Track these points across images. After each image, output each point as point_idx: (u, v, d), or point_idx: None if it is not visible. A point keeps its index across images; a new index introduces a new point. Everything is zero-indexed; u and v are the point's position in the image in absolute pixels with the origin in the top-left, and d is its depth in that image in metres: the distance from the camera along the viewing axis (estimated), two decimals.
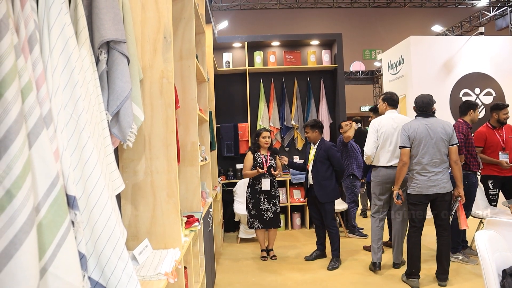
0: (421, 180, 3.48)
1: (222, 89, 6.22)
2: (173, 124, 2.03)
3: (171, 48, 2.04)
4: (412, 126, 3.53)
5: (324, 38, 6.20)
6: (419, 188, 3.50)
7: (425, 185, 3.47)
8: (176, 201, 2.02)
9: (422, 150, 3.47)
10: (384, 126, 3.93)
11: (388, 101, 4.08)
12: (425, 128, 3.48)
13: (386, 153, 3.91)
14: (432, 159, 3.46)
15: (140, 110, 1.84)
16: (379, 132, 3.94)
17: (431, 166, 3.46)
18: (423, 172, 3.48)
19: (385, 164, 3.90)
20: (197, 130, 2.99)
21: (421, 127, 3.49)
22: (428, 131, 3.46)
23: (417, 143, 3.48)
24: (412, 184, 3.56)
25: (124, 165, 2.04)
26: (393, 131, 3.89)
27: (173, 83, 2.05)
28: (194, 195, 2.99)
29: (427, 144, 3.46)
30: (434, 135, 3.45)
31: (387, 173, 3.90)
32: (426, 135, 3.46)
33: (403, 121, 3.87)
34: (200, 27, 3.74)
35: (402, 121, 3.87)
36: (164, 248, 2.03)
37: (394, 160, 3.86)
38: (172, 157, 2.03)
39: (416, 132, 3.48)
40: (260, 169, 4.35)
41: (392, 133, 3.89)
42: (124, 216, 2.04)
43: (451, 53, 6.59)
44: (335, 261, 4.18)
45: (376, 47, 16.17)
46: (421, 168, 3.48)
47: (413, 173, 3.55)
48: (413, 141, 3.50)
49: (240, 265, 4.42)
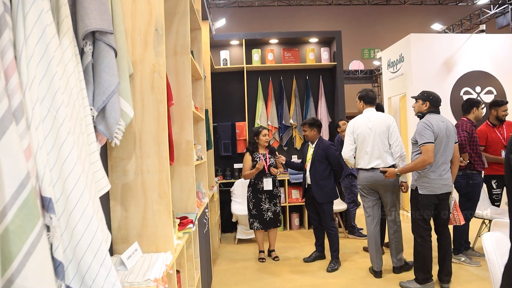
0: (435, 179, 3.30)
1: (220, 88, 6.12)
2: (165, 121, 1.93)
3: (163, 41, 1.94)
4: (434, 122, 3.31)
5: (323, 35, 6.10)
6: (432, 188, 3.31)
7: (439, 184, 3.31)
8: (168, 202, 1.93)
9: (441, 148, 3.30)
10: (359, 127, 3.79)
11: (365, 99, 3.92)
12: (443, 125, 3.33)
13: (365, 155, 3.76)
14: (447, 157, 3.36)
15: (129, 106, 1.74)
16: (355, 134, 3.81)
17: (446, 164, 3.35)
18: (437, 171, 3.31)
19: (366, 167, 3.76)
20: (192, 128, 2.89)
21: (440, 124, 3.32)
22: (446, 128, 3.33)
23: (439, 140, 3.28)
24: (425, 184, 3.33)
25: (114, 164, 1.94)
26: (369, 131, 3.73)
27: (165, 78, 1.95)
28: (188, 196, 2.89)
29: (445, 142, 3.31)
30: (450, 133, 3.35)
31: (368, 175, 3.75)
32: (444, 133, 3.31)
33: (381, 120, 3.73)
34: (196, 23, 3.64)
35: (380, 120, 3.73)
36: (156, 252, 1.93)
37: (374, 161, 3.70)
38: (164, 155, 1.93)
39: (439, 129, 3.29)
40: (259, 166, 4.22)
41: (368, 134, 3.72)
42: (114, 217, 1.94)
43: (452, 51, 6.49)
44: (335, 262, 4.08)
45: (375, 46, 16.06)
46: (437, 167, 3.31)
47: (427, 172, 3.31)
48: (436, 138, 3.27)
49: (237, 266, 4.32)
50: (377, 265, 3.80)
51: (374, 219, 3.82)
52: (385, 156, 3.70)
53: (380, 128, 3.71)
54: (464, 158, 3.84)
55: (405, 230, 4.00)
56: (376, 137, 3.70)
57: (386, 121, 3.74)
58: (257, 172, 4.30)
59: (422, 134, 3.27)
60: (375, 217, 3.83)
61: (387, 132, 3.71)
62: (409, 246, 4.60)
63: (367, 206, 3.85)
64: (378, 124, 3.72)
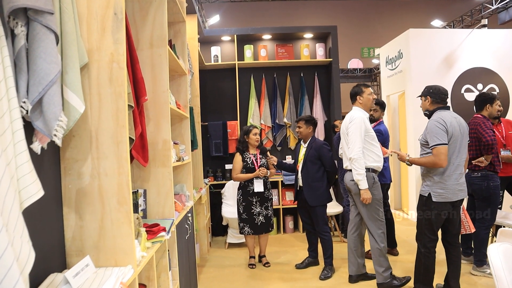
0: (452, 185, 2.94)
1: (210, 85, 5.89)
2: (125, 117, 1.70)
3: (122, 27, 1.71)
4: (447, 119, 2.92)
5: (318, 31, 5.86)
6: (448, 195, 2.94)
7: (455, 189, 2.95)
8: (129, 209, 1.69)
9: (456, 148, 2.94)
10: (341, 126, 3.62)
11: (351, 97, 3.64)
12: (456, 123, 2.95)
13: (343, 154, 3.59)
14: (463, 159, 2.99)
15: (78, 99, 1.51)
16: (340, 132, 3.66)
17: (462, 167, 2.99)
18: (454, 175, 2.94)
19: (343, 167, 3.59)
20: (169, 126, 2.67)
21: (453, 121, 2.94)
22: (459, 126, 2.96)
23: (453, 140, 2.92)
24: (439, 190, 2.95)
25: (67, 166, 1.70)
26: (342, 131, 3.55)
27: (125, 68, 1.72)
28: (166, 200, 2.67)
29: (459, 141, 2.96)
30: (464, 131, 3.00)
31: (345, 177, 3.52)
32: (458, 131, 2.94)
33: (346, 122, 3.46)
34: (178, 15, 3.42)
35: (345, 122, 3.47)
36: (115, 266, 1.69)
37: (346, 162, 3.50)
38: (124, 156, 1.70)
39: (453, 127, 2.91)
40: (260, 173, 4.05)
41: (343, 133, 3.52)
42: (67, 227, 1.71)
43: (453, 47, 6.25)
44: (328, 269, 3.85)
45: (375, 45, 15.81)
46: (453, 170, 2.93)
47: (444, 177, 2.94)
48: (450, 138, 2.92)
49: (226, 273, 4.09)
50: (349, 269, 3.63)
51: (351, 223, 3.63)
52: None
53: (344, 128, 3.51)
54: (487, 159, 3.57)
55: (400, 231, 3.75)
56: (343, 136, 3.52)
57: (346, 120, 3.50)
58: (253, 177, 4.08)
59: (434, 135, 2.89)
60: (353, 221, 3.62)
61: (346, 132, 3.45)
62: (406, 251, 4.39)
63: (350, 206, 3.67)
64: (344, 123, 3.53)
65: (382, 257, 3.38)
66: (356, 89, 3.57)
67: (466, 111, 6.25)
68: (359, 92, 3.52)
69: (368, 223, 3.41)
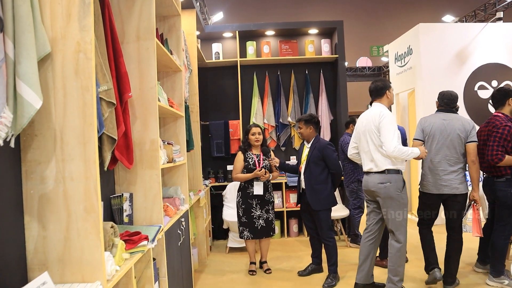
0: (432, 178, 3.30)
1: (212, 83, 5.70)
2: (93, 114, 1.50)
3: (90, 12, 1.51)
4: (429, 120, 3.37)
5: (323, 26, 5.63)
6: (429, 187, 3.32)
7: (437, 184, 3.27)
8: (97, 217, 1.50)
9: (436, 146, 3.27)
10: (358, 123, 3.33)
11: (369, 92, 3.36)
12: (441, 124, 3.29)
13: (361, 154, 3.30)
14: (447, 157, 3.25)
15: (34, 94, 1.32)
16: (356, 131, 3.37)
17: (446, 164, 3.25)
18: (435, 170, 3.28)
19: (363, 169, 3.29)
20: (157, 125, 2.47)
21: (438, 122, 3.31)
22: (445, 127, 3.27)
23: (431, 138, 3.30)
24: (423, 182, 3.39)
25: (29, 169, 1.52)
26: (363, 129, 3.22)
27: (93, 59, 1.52)
28: (154, 204, 2.48)
29: (442, 141, 3.27)
30: (451, 132, 3.25)
31: (363, 180, 3.29)
32: (441, 131, 3.27)
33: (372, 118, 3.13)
34: (172, 8, 3.24)
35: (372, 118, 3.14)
36: (82, 282, 1.50)
37: (369, 164, 3.18)
38: (91, 158, 1.50)
39: (432, 127, 3.30)
40: (258, 172, 3.82)
41: (362, 132, 3.23)
42: (29, 237, 1.52)
43: (465, 42, 5.96)
44: (332, 278, 3.61)
45: (384, 43, 15.49)
46: (434, 166, 3.28)
47: (425, 170, 3.35)
48: (427, 136, 3.33)
49: (224, 280, 3.88)
50: (357, 276, 3.35)
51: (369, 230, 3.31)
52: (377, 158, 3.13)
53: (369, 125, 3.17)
54: None
55: (409, 235, 3.48)
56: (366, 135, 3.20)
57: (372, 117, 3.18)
58: (252, 178, 3.87)
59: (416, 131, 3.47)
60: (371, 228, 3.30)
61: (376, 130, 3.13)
62: (416, 257, 4.13)
63: (367, 212, 3.39)
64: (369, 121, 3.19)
65: (401, 266, 3.14)
66: (384, 83, 3.26)
67: (480, 109, 5.97)
68: (388, 87, 3.24)
69: (395, 227, 3.11)
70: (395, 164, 3.07)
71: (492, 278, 3.35)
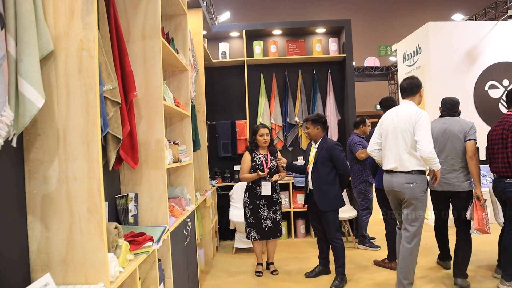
0: None
1: (218, 83, 5.67)
2: (96, 114, 1.48)
3: (93, 10, 1.49)
4: (431, 125, 3.32)
5: (331, 25, 5.57)
6: None
7: (440, 182, 3.40)
8: (100, 218, 1.47)
9: (438, 148, 3.43)
10: (385, 121, 3.26)
11: (399, 90, 3.42)
12: (442, 127, 3.50)
13: (386, 152, 3.21)
14: (448, 157, 3.44)
15: (36, 92, 1.30)
16: (382, 127, 3.30)
17: (448, 164, 3.42)
18: None
19: (384, 168, 3.26)
20: (163, 125, 2.45)
21: (439, 126, 3.51)
22: (445, 130, 3.47)
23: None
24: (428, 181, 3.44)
25: (32, 169, 1.50)
26: (392, 126, 3.15)
27: (97, 57, 1.50)
28: (159, 205, 2.45)
29: (443, 143, 3.47)
30: (450, 134, 3.44)
31: (385, 179, 3.26)
32: (442, 134, 3.48)
33: (408, 116, 3.05)
34: (178, 7, 3.21)
35: (407, 116, 3.06)
36: (85, 283, 1.48)
37: (392, 164, 3.12)
38: (95, 158, 1.48)
39: (434, 131, 3.38)
40: (260, 172, 3.78)
41: (391, 130, 3.16)
42: (32, 238, 1.50)
43: (475, 40, 5.87)
44: (340, 280, 3.56)
45: (392, 43, 15.39)
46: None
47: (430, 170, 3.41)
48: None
49: (231, 281, 3.85)
50: None
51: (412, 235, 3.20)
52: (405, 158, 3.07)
53: (403, 123, 3.09)
54: None
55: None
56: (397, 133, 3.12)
57: (406, 115, 3.10)
58: (257, 178, 3.84)
59: None
60: None
61: (411, 128, 3.05)
62: (427, 261, 4.06)
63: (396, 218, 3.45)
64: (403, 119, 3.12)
65: (412, 269, 3.10)
66: (418, 81, 3.25)
67: (491, 109, 5.87)
68: (421, 85, 3.25)
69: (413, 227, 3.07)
70: (422, 165, 3.05)
71: (504, 282, 3.26)
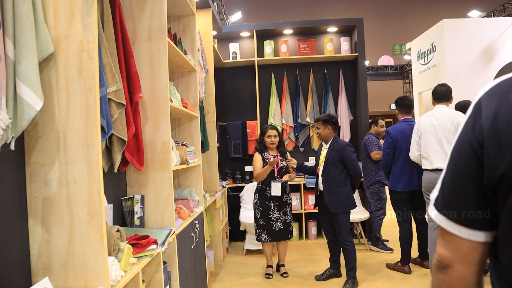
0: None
1: (229, 83, 5.65)
2: (96, 116, 1.46)
3: (93, 11, 1.48)
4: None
5: (342, 24, 5.49)
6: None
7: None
8: (100, 221, 1.46)
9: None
10: (423, 125, 3.47)
11: (434, 95, 3.55)
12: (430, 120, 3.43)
13: (428, 152, 3.39)
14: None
15: (34, 95, 1.29)
16: (420, 132, 3.49)
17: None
18: None
19: (429, 167, 3.39)
20: (169, 126, 2.43)
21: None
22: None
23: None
24: None
25: (33, 172, 1.49)
26: (432, 128, 3.38)
27: (96, 58, 1.48)
28: (165, 207, 2.43)
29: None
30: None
31: (431, 177, 3.35)
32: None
33: (449, 117, 3.33)
34: (186, 7, 3.20)
35: (447, 117, 3.34)
36: (85, 287, 1.47)
37: (439, 162, 3.30)
38: (95, 161, 1.46)
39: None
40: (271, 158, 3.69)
41: (431, 132, 3.39)
42: (33, 241, 1.49)
43: (493, 37, 5.70)
44: (351, 283, 3.50)
45: (406, 41, 15.15)
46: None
47: None
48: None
49: (240, 283, 3.82)
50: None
51: None
52: None
53: (445, 124, 3.35)
54: None
55: None
56: (439, 134, 3.36)
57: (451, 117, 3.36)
58: (270, 169, 3.77)
59: None
60: None
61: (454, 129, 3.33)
62: None
63: None
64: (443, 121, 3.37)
65: None
66: (451, 88, 3.52)
67: None
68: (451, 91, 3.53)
69: None
70: None
71: None
